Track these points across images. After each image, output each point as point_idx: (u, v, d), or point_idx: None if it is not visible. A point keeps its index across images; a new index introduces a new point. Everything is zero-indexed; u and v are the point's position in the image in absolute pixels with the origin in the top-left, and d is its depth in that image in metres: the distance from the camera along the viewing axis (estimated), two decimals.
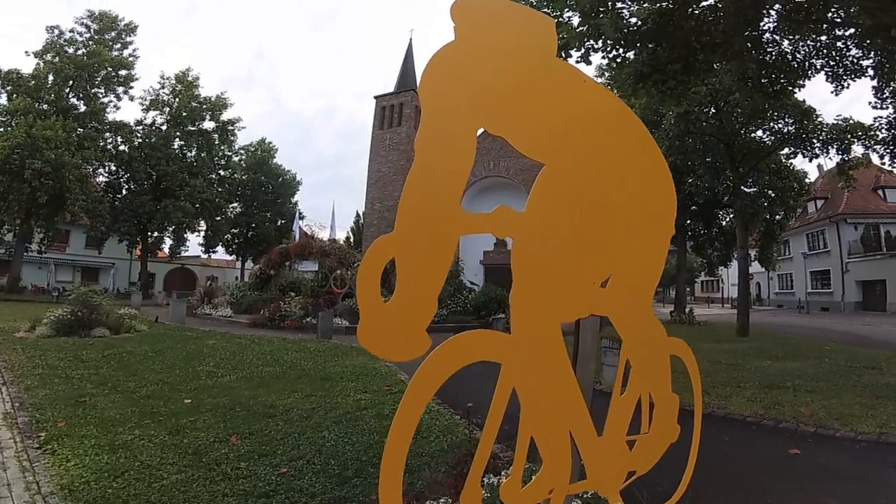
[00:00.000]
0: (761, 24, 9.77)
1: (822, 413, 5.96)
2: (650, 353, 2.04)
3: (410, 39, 40.14)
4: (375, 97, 36.96)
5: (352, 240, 45.89)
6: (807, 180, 21.05)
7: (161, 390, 6.55)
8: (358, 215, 48.72)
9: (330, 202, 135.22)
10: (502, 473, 2.90)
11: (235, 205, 45.74)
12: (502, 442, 3.33)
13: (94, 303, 12.14)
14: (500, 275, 27.78)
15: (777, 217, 21.70)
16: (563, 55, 10.20)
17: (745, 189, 19.17)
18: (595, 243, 1.84)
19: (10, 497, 3.48)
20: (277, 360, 8.99)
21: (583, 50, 9.96)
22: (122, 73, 33.47)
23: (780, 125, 17.09)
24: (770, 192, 20.01)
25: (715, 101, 16.19)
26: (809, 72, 11.20)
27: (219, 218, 41.59)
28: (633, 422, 2.01)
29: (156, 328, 14.18)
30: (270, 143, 49.62)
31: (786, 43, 10.96)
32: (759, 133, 17.90)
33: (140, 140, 36.29)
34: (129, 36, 34.02)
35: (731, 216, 22.68)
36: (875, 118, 13.74)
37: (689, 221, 24.71)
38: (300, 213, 34.79)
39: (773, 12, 9.57)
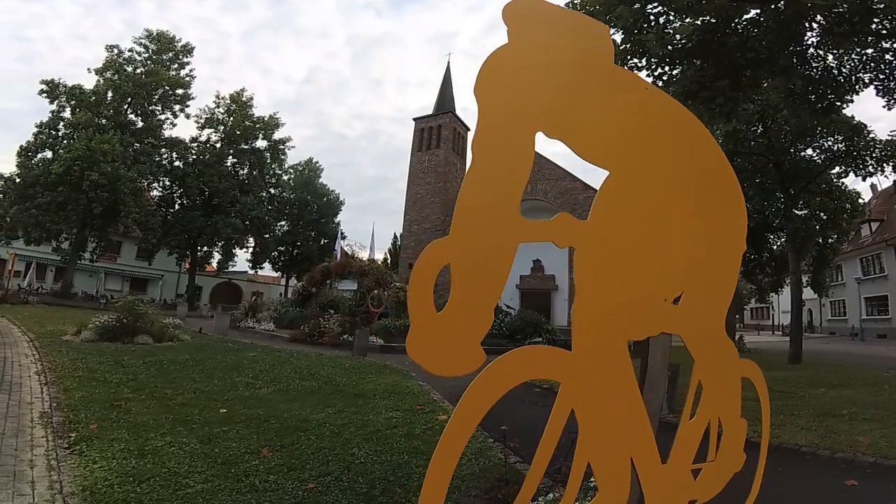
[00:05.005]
0: (805, 38, 9.46)
1: (882, 442, 5.57)
2: (723, 374, 1.91)
3: (448, 63, 40.50)
4: (414, 119, 37.64)
5: (388, 261, 46.35)
6: (860, 200, 20.04)
7: (197, 399, 6.59)
8: (395, 237, 49.35)
9: (369, 224, 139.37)
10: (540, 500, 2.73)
11: (283, 223, 46.68)
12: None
13: (140, 311, 12.46)
14: (536, 299, 27.47)
15: (830, 241, 20.70)
16: None
17: (797, 211, 18.40)
18: (665, 257, 1.72)
19: (31, 494, 3.51)
20: (313, 375, 9.00)
21: (627, 68, 9.84)
22: (179, 91, 34.66)
23: (830, 143, 16.41)
24: (822, 213, 19.12)
25: (762, 119, 15.67)
26: (857, 86, 10.77)
27: (267, 235, 42.78)
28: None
29: (198, 339, 14.39)
30: (317, 162, 50.74)
31: (830, 57, 10.60)
32: (809, 151, 17.26)
33: (194, 157, 37.63)
34: (186, 57, 35.22)
35: (783, 240, 21.77)
36: None
37: None
38: (342, 233, 35.35)
39: (815, 25, 9.25)
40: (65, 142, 29.37)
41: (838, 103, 11.22)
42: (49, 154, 29.72)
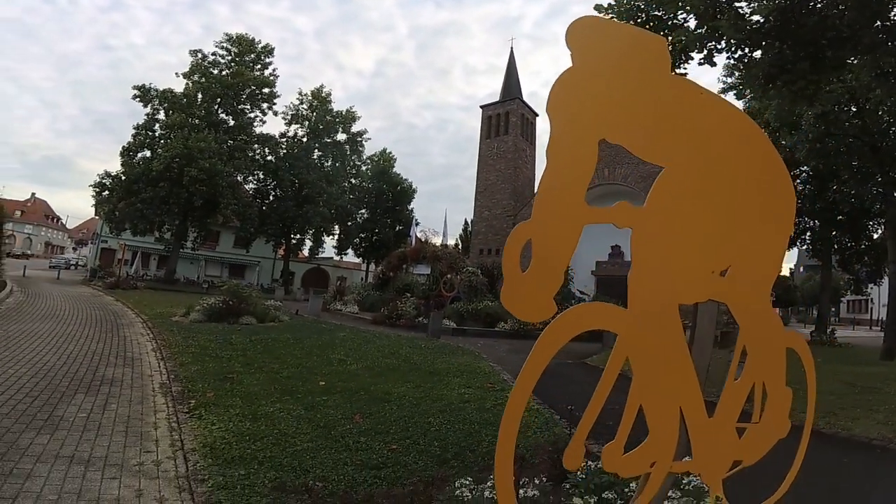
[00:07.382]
0: (891, 12, 8.87)
1: None
2: (767, 340, 2.14)
3: (511, 48, 39.89)
4: (481, 107, 37.45)
5: (460, 247, 47.15)
6: None
7: (300, 373, 7.42)
8: (466, 223, 50.20)
9: (440, 211, 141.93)
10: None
11: (363, 211, 48.88)
12: (598, 440, 3.45)
13: (245, 294, 13.64)
14: (614, 286, 26.80)
15: None
16: (684, 57, 9.99)
17: None
18: (713, 235, 2.02)
19: (155, 451, 4.19)
20: (394, 354, 9.72)
21: (704, 52, 9.69)
22: (266, 90, 36.41)
23: None
24: None
25: (855, 100, 14.60)
26: None
27: (350, 223, 45.45)
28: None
29: (296, 320, 15.56)
30: (391, 152, 52.39)
31: None
32: None
33: (285, 151, 40.18)
34: (268, 57, 36.97)
35: (883, 227, 20.13)
36: None
37: (834, 233, 22.20)
38: (416, 220, 36.49)
39: None
40: (162, 141, 31.94)
41: None
42: (148, 153, 32.49)
